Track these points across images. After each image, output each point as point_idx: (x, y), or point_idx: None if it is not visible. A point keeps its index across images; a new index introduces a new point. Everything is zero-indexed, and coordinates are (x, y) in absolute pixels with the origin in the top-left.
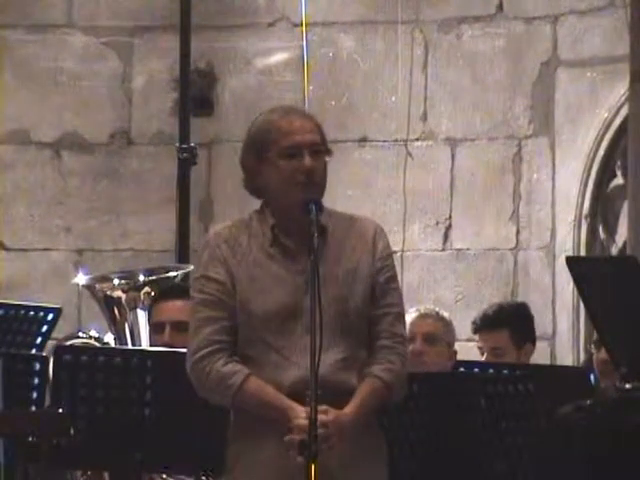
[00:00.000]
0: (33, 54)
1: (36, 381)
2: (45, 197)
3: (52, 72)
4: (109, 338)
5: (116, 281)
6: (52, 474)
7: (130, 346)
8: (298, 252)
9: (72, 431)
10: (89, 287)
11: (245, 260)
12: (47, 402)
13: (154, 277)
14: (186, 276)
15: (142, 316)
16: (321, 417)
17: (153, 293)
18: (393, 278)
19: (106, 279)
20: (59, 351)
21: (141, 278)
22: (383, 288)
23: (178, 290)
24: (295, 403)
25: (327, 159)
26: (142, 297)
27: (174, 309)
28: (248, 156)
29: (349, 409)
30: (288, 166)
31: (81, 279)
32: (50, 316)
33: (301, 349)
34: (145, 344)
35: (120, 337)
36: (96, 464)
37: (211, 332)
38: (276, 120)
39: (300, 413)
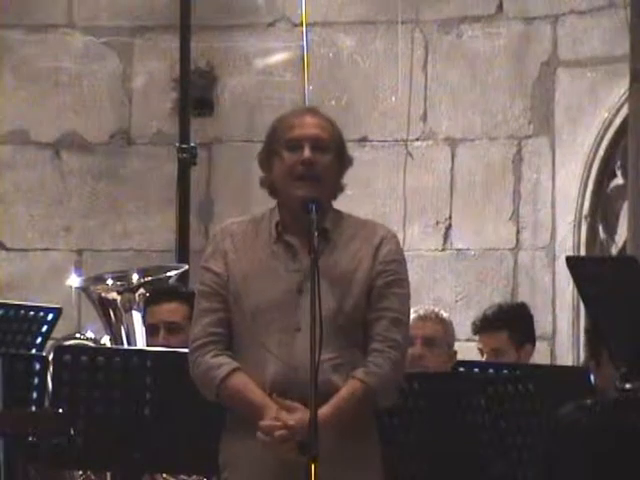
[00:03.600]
0: (33, 54)
1: (36, 381)
2: (45, 197)
3: (52, 72)
4: (106, 340)
5: (110, 282)
6: (52, 474)
7: (125, 346)
8: (301, 250)
9: (72, 431)
10: (84, 289)
11: (246, 256)
12: (47, 402)
13: (149, 278)
14: (181, 276)
15: (137, 317)
16: (286, 417)
17: (148, 294)
18: (395, 283)
19: (100, 280)
20: (59, 351)
21: (135, 279)
22: (381, 292)
23: (171, 292)
24: (272, 403)
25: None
26: (137, 298)
27: (167, 311)
28: (262, 152)
29: (323, 410)
30: (290, 158)
31: (75, 281)
32: (50, 316)
33: (289, 347)
34: (141, 345)
35: (116, 338)
36: (96, 464)
37: (207, 323)
38: (287, 116)
39: (270, 413)
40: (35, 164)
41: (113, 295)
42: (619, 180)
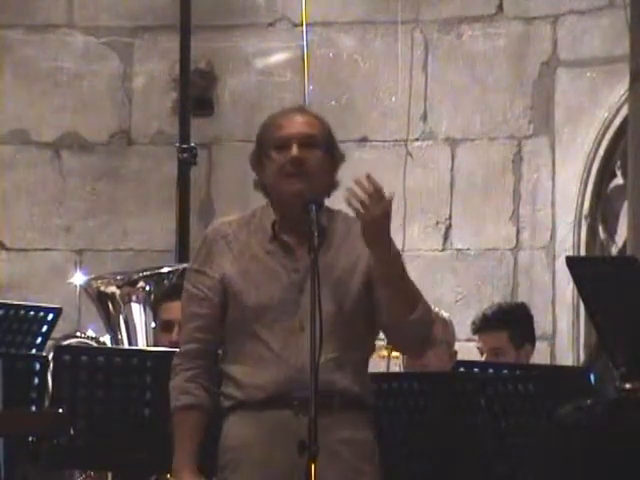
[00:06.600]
0: (33, 54)
1: (36, 381)
2: (45, 197)
3: (52, 72)
4: (106, 338)
5: (110, 276)
6: (52, 474)
7: (125, 341)
8: (297, 249)
9: (72, 431)
10: (84, 286)
11: (242, 255)
12: (47, 402)
13: (148, 273)
14: (181, 274)
15: (137, 310)
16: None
17: (147, 288)
18: None
19: (101, 277)
20: (59, 351)
21: (135, 275)
22: None
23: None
24: (189, 468)
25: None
26: (137, 292)
27: None
28: (253, 153)
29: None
30: (278, 158)
31: (79, 279)
32: (50, 316)
33: (293, 347)
34: (141, 338)
35: (115, 332)
36: (96, 464)
37: (194, 328)
38: (276, 116)
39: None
40: (35, 164)
41: (112, 289)
42: (619, 180)
